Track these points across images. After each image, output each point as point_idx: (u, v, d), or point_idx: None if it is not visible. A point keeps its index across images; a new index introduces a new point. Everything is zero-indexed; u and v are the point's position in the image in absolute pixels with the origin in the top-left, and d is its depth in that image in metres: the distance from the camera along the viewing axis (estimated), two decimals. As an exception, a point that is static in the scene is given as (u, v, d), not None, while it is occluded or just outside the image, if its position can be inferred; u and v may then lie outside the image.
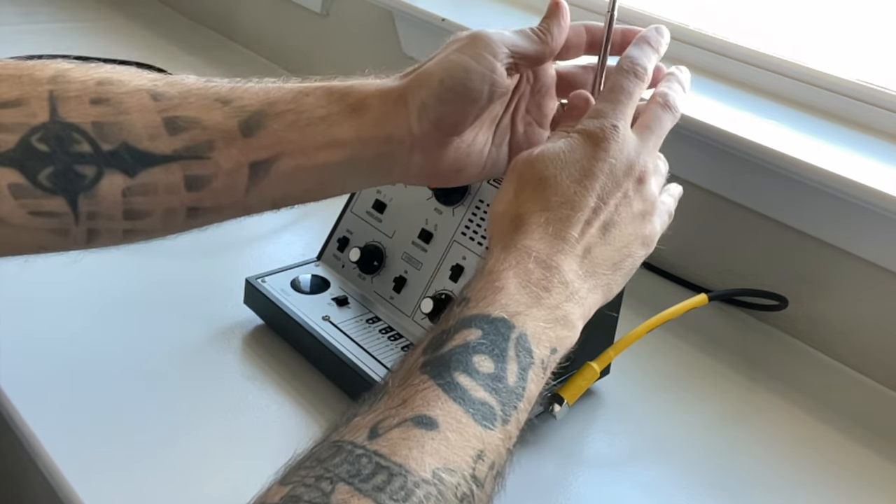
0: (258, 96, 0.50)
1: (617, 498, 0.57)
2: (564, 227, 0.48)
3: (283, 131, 0.49)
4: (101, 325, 0.66)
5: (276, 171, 0.49)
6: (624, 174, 0.49)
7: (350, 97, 0.51)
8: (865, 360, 0.75)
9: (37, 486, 0.58)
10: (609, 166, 0.49)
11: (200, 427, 0.58)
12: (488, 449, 0.40)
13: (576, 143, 0.49)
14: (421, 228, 0.66)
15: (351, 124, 0.50)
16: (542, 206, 0.48)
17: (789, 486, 0.60)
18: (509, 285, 0.45)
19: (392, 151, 0.51)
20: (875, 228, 0.71)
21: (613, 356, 0.62)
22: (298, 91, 0.50)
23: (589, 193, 0.48)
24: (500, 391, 0.41)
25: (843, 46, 0.82)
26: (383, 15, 1.10)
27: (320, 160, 0.50)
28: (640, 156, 0.50)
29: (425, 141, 0.52)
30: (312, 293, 0.67)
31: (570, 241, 0.47)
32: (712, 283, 0.83)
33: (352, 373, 0.60)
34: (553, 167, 0.49)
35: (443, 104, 0.51)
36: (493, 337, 0.43)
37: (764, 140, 0.72)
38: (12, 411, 0.57)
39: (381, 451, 0.37)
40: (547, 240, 0.47)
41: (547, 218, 0.48)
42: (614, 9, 0.56)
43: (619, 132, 0.50)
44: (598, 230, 0.49)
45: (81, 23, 1.37)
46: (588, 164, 0.49)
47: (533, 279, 0.45)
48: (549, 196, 0.48)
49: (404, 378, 0.41)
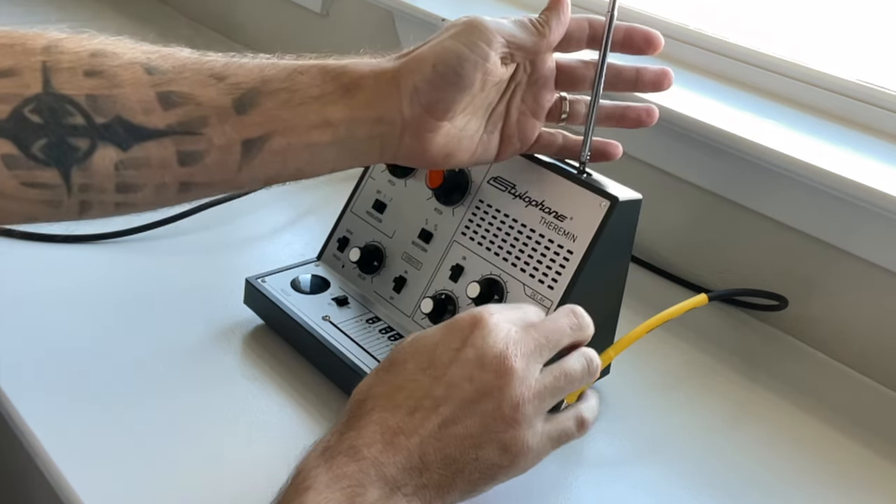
0: (252, 73, 0.50)
1: (617, 498, 0.57)
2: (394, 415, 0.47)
3: (276, 109, 0.49)
4: (101, 325, 0.66)
5: (268, 149, 0.50)
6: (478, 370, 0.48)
7: (345, 77, 0.51)
8: (865, 360, 0.75)
9: (37, 486, 0.58)
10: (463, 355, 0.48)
11: (200, 427, 0.58)
12: None
13: (444, 329, 0.50)
14: (421, 228, 0.66)
15: (344, 104, 0.51)
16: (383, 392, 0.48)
17: (789, 486, 0.60)
18: (317, 485, 0.43)
19: (383, 132, 0.52)
20: (875, 228, 0.71)
21: (613, 356, 0.62)
22: (293, 69, 0.50)
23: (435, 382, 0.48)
24: None
25: (843, 46, 0.82)
26: (383, 15, 1.10)
27: (312, 139, 0.50)
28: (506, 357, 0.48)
29: (416, 124, 0.52)
30: (312, 293, 0.67)
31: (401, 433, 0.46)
32: (712, 283, 0.83)
33: (352, 373, 0.60)
34: (405, 352, 0.49)
35: (435, 89, 0.51)
36: None
37: (764, 140, 0.72)
38: (12, 411, 0.57)
39: None
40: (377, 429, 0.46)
41: (383, 405, 0.47)
42: (614, 8, 0.56)
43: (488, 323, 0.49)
44: (436, 426, 0.47)
45: (81, 23, 1.36)
46: (441, 353, 0.48)
47: (347, 473, 0.44)
48: (391, 380, 0.48)
49: None
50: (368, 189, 0.70)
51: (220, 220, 0.83)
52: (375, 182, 0.70)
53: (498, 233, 0.62)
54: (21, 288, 0.70)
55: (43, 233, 0.76)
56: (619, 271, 0.62)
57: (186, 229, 0.81)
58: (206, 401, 0.60)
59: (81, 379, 0.60)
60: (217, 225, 0.82)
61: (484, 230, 0.62)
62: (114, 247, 0.77)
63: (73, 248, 0.76)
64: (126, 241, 0.78)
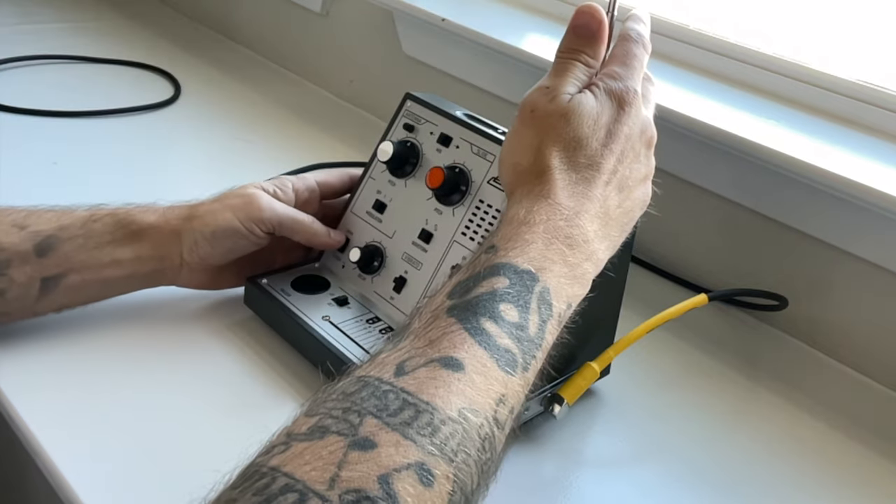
0: (51, 222, 0.61)
1: (617, 498, 0.57)
2: (590, 186, 0.50)
3: (72, 252, 0.61)
4: (100, 326, 0.66)
5: (64, 285, 0.61)
6: (638, 138, 0.53)
7: (133, 225, 0.63)
8: (865, 360, 0.75)
9: (37, 486, 0.58)
10: (629, 129, 0.52)
11: (200, 427, 0.58)
12: (510, 394, 0.42)
13: (604, 102, 0.52)
14: (421, 228, 0.66)
15: (132, 247, 0.63)
16: (569, 164, 0.50)
17: (789, 486, 0.60)
18: (537, 239, 0.47)
19: (164, 268, 0.65)
20: (875, 228, 0.71)
21: (613, 356, 0.62)
22: (88, 218, 0.62)
23: (612, 155, 0.51)
24: (522, 340, 0.43)
25: (843, 46, 0.82)
26: (383, 15, 1.10)
27: (104, 275, 0.62)
28: (650, 121, 0.54)
29: (194, 265, 0.65)
30: (312, 293, 0.67)
31: (593, 201, 0.50)
32: (712, 283, 0.83)
33: (352, 373, 0.60)
34: (587, 127, 0.51)
35: (211, 247, 0.64)
36: (519, 288, 0.44)
37: (764, 140, 0.72)
38: (12, 411, 0.57)
39: (408, 389, 0.38)
40: (575, 198, 0.49)
41: (574, 178, 0.50)
42: (614, 9, 0.56)
43: (638, 99, 0.53)
44: (615, 191, 0.51)
45: (81, 23, 1.37)
46: (614, 127, 0.51)
47: (560, 236, 0.48)
48: (578, 154, 0.50)
49: (430, 320, 0.43)
50: (368, 189, 0.70)
51: (220, 220, 0.83)
52: (375, 182, 0.70)
53: (498, 233, 0.61)
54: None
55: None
56: (619, 271, 0.62)
57: (186, 229, 0.80)
58: (207, 401, 0.60)
59: (81, 379, 0.60)
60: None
61: (484, 230, 0.62)
62: None
63: (73, 248, 0.76)
64: (126, 241, 0.78)
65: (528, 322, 0.44)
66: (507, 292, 0.44)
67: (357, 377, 0.40)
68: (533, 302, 0.45)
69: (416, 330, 0.43)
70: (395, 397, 0.38)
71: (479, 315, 0.43)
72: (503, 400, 0.41)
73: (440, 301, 0.44)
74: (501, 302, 0.44)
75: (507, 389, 0.41)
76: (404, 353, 0.41)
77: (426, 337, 0.42)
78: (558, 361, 0.59)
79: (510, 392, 0.42)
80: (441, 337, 0.41)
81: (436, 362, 0.40)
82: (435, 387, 0.39)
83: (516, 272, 0.45)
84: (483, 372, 0.41)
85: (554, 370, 0.50)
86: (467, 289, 0.44)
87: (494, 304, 0.43)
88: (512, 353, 0.42)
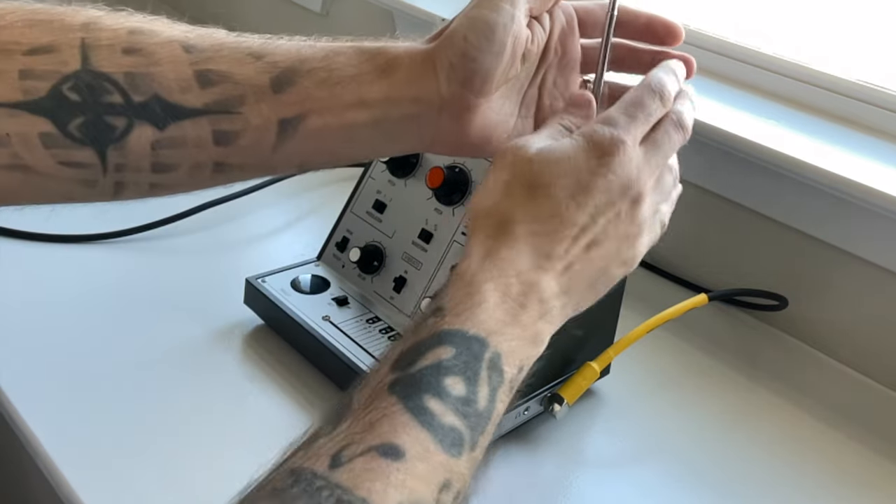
0: (290, 53, 0.49)
1: (617, 498, 0.57)
2: (551, 242, 0.46)
3: (313, 88, 0.49)
4: (101, 325, 0.66)
5: (303, 129, 0.49)
6: (619, 194, 0.47)
7: (380, 57, 0.50)
8: (865, 360, 0.75)
9: (37, 486, 0.58)
10: (607, 183, 0.47)
11: (200, 427, 0.58)
12: (454, 478, 0.39)
13: (579, 149, 0.47)
14: (421, 228, 0.66)
15: (381, 84, 0.50)
16: (531, 217, 0.46)
17: (789, 486, 0.60)
18: (488, 298, 0.43)
19: (420, 114, 0.50)
20: (875, 228, 0.71)
21: (613, 356, 0.62)
22: (330, 49, 0.50)
23: (581, 210, 0.46)
24: (469, 416, 0.40)
25: (843, 46, 0.82)
26: (383, 15, 1.10)
27: (348, 119, 0.49)
28: (640, 176, 0.48)
29: (454, 103, 0.50)
30: (312, 293, 0.67)
31: (553, 259, 0.46)
32: (712, 283, 0.83)
33: (352, 373, 0.60)
34: (550, 174, 0.46)
35: (470, 61, 0.49)
36: (467, 357, 0.41)
37: (764, 140, 0.72)
38: (12, 411, 0.57)
39: (343, 484, 0.36)
40: (531, 254, 0.45)
41: (534, 230, 0.46)
42: (614, 9, 0.56)
43: (626, 149, 0.47)
44: (583, 249, 0.47)
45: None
46: (587, 178, 0.46)
47: (512, 293, 0.44)
48: (540, 205, 0.46)
49: (371, 398, 0.40)
50: (368, 189, 0.70)
51: (220, 220, 0.83)
52: (375, 182, 0.70)
53: (498, 233, 0.61)
54: (21, 288, 0.70)
55: (43, 233, 0.76)
56: (619, 271, 0.62)
57: (186, 229, 0.81)
58: (207, 400, 0.60)
59: (81, 379, 0.60)
60: (217, 225, 0.82)
61: (484, 230, 0.62)
62: (114, 247, 0.77)
63: (73, 248, 0.76)
64: (126, 240, 0.78)
65: (477, 395, 0.41)
66: (453, 364, 0.41)
67: (290, 469, 0.37)
68: (483, 371, 0.41)
69: (355, 409, 0.39)
70: (329, 494, 0.35)
71: (423, 391, 0.39)
72: (447, 485, 0.38)
73: (382, 374, 0.41)
74: (447, 375, 0.40)
75: (451, 473, 0.39)
76: (342, 441, 0.38)
77: (366, 420, 0.39)
78: (558, 361, 0.60)
79: (455, 475, 0.39)
80: (381, 419, 0.38)
81: (374, 450, 0.37)
82: (371, 480, 0.36)
83: (464, 338, 0.42)
84: (425, 457, 0.38)
85: (554, 370, 0.50)
86: (410, 361, 0.41)
87: (439, 378, 0.40)
88: (458, 431, 0.39)
